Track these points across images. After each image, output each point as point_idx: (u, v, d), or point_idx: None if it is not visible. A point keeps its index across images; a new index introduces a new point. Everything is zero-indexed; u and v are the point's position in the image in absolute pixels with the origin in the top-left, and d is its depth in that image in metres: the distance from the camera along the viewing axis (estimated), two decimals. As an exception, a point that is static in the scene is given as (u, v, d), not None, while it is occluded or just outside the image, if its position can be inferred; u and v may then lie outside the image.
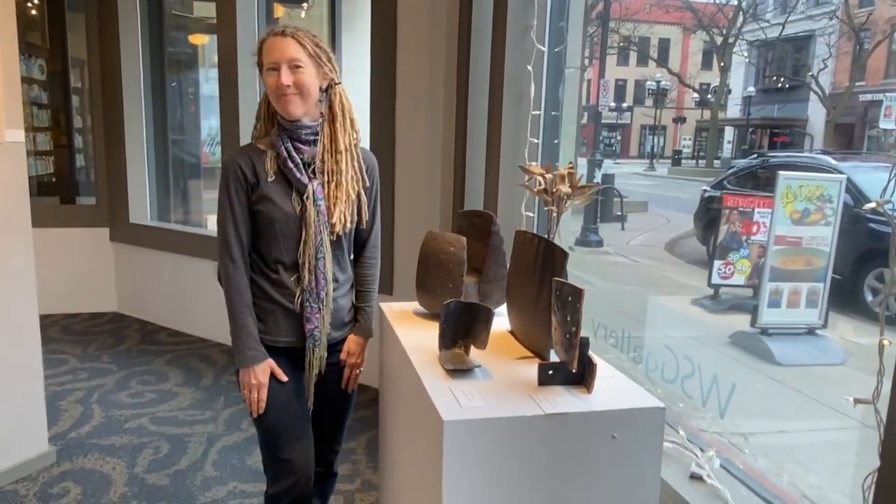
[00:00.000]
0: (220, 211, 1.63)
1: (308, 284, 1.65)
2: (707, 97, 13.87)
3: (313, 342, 1.70)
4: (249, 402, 1.65)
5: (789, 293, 3.30)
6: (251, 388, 1.63)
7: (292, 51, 1.56)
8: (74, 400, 3.47)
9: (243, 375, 1.64)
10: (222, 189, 1.62)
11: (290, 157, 1.61)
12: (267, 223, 1.62)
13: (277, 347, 1.68)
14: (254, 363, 1.62)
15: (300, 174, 1.62)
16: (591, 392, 1.25)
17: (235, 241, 1.62)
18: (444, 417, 1.11)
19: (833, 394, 3.17)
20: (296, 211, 1.62)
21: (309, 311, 1.67)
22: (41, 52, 5.40)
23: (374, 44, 3.40)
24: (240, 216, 1.62)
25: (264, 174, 1.61)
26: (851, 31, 7.92)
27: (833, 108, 8.74)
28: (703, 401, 1.88)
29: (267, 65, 1.57)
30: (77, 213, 5.14)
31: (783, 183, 3.28)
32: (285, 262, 1.66)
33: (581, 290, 1.22)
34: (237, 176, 1.61)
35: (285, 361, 1.70)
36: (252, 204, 1.62)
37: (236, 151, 1.65)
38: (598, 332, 2.48)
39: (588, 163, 8.58)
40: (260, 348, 1.64)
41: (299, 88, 1.57)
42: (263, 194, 1.61)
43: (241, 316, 1.63)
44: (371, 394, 3.48)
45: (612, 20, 10.45)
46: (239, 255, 1.63)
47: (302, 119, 1.62)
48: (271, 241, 1.64)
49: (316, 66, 1.60)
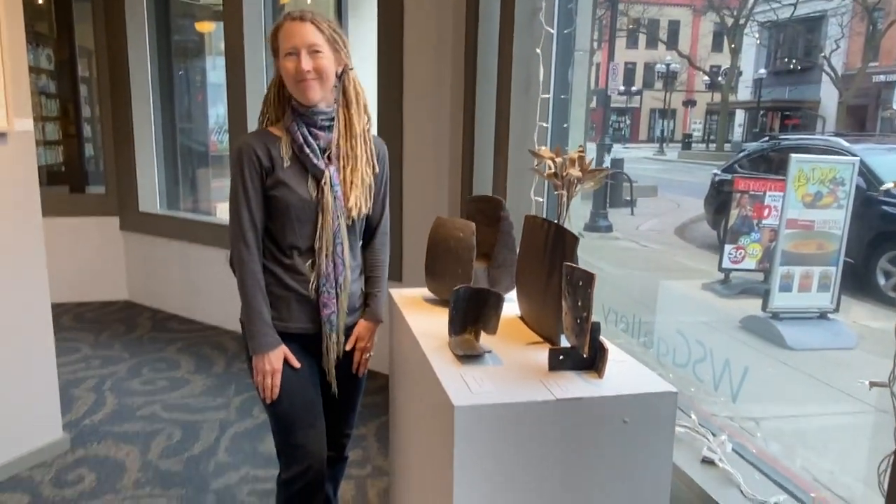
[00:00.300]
0: (234, 196, 1.62)
1: (325, 270, 1.65)
2: (717, 80, 13.72)
3: (330, 327, 1.69)
4: (263, 388, 1.65)
5: (801, 277, 3.27)
6: (265, 374, 1.63)
7: (311, 36, 1.56)
8: (87, 388, 3.50)
9: (257, 361, 1.64)
10: (236, 174, 1.61)
11: (306, 142, 1.60)
12: (283, 208, 1.61)
13: (290, 334, 1.68)
14: (268, 349, 1.62)
15: (317, 160, 1.61)
16: (603, 377, 1.24)
17: (250, 227, 1.61)
18: (454, 403, 1.11)
19: (845, 378, 3.14)
20: (311, 197, 1.62)
21: (326, 296, 1.66)
22: (48, 41, 5.40)
23: (381, 29, 3.37)
24: (254, 201, 1.61)
25: (280, 160, 1.60)
26: (864, 10, 7.80)
27: (846, 89, 8.62)
28: (715, 385, 1.87)
29: (285, 50, 1.56)
30: (87, 202, 5.17)
31: (795, 166, 3.23)
32: (300, 248, 1.65)
33: (592, 274, 1.21)
34: (252, 161, 1.59)
35: (297, 348, 1.69)
36: (266, 189, 1.61)
37: (250, 136, 1.64)
38: (608, 318, 2.47)
39: (597, 147, 8.53)
40: (274, 334, 1.64)
41: (319, 74, 1.57)
42: (279, 179, 1.60)
43: (256, 301, 1.62)
44: (381, 380, 3.49)
45: (621, 2, 10.34)
46: (253, 240, 1.62)
47: (318, 104, 1.61)
48: (286, 226, 1.63)
49: (333, 51, 1.60)
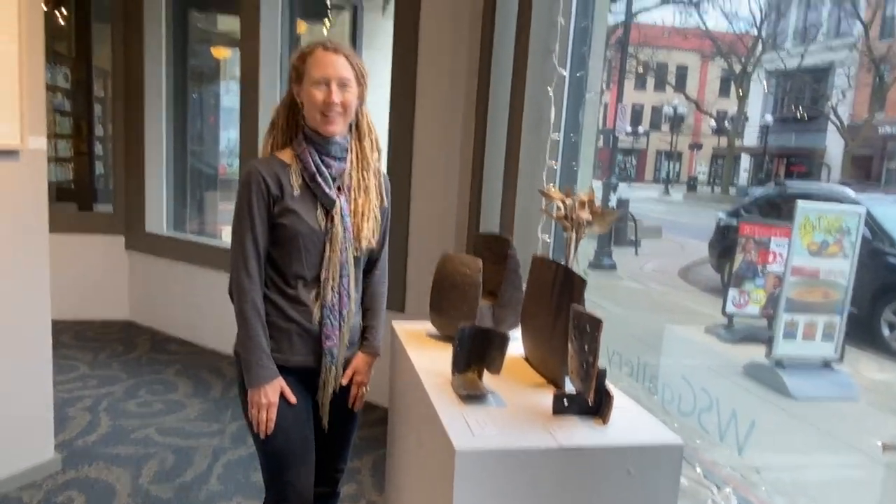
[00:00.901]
0: (238, 222, 1.58)
1: (331, 301, 1.62)
2: (724, 124, 13.84)
3: (331, 359, 1.65)
4: (258, 422, 1.60)
5: (805, 325, 3.25)
6: (261, 407, 1.58)
7: (344, 69, 1.57)
8: (83, 407, 3.46)
9: (253, 394, 1.58)
10: (243, 199, 1.57)
11: (318, 171, 1.59)
12: (291, 237, 1.58)
13: (288, 367, 1.64)
14: (266, 382, 1.58)
15: (329, 189, 1.60)
16: (607, 424, 1.23)
17: (253, 255, 1.57)
18: (456, 447, 1.09)
19: (849, 430, 3.10)
20: (320, 226, 1.59)
21: (329, 328, 1.63)
22: (66, 60, 5.48)
23: (395, 62, 3.42)
24: (259, 229, 1.57)
25: (289, 188, 1.58)
26: (871, 63, 7.90)
27: (852, 139, 8.69)
28: (721, 436, 1.84)
29: (315, 78, 1.55)
30: (94, 220, 5.19)
31: (802, 213, 3.24)
32: (306, 278, 1.61)
33: (600, 319, 1.20)
34: (260, 187, 1.56)
35: (294, 382, 1.65)
36: (274, 217, 1.58)
37: (259, 162, 1.60)
38: (612, 359, 2.45)
39: (603, 186, 8.57)
40: (273, 366, 1.60)
41: (345, 108, 1.57)
42: (288, 207, 1.57)
43: (255, 332, 1.57)
44: (380, 412, 3.45)
45: (630, 45, 10.49)
46: (256, 269, 1.58)
47: (335, 136, 1.61)
48: (293, 255, 1.59)
49: (359, 86, 1.62)
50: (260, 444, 1.66)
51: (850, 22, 8.52)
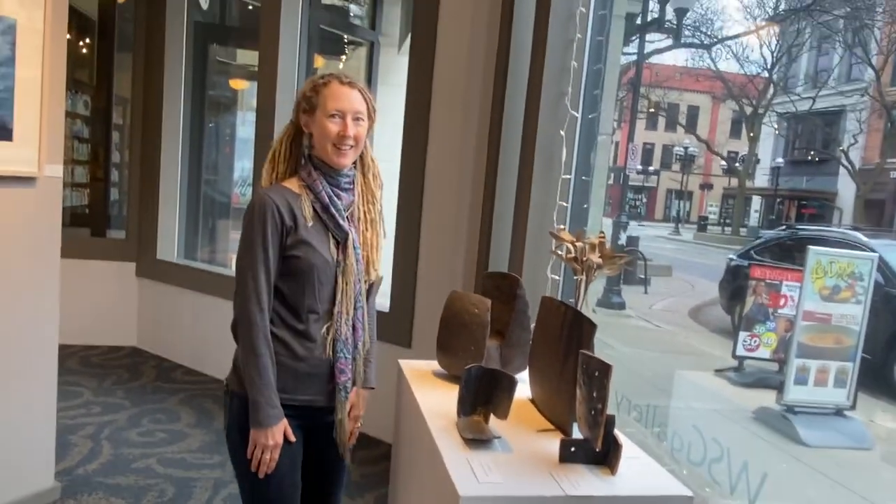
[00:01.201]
0: (248, 253, 1.51)
1: (344, 335, 1.59)
2: (735, 165, 13.88)
3: (345, 395, 1.61)
4: (260, 462, 1.53)
5: (817, 371, 3.20)
6: (266, 448, 1.52)
7: (358, 104, 1.57)
8: (85, 435, 3.44)
9: (258, 435, 1.51)
10: (256, 230, 1.50)
11: (331, 202, 1.56)
12: (305, 270, 1.54)
13: (292, 406, 1.58)
14: (274, 422, 1.52)
15: (342, 220, 1.58)
16: (615, 474, 1.20)
17: (266, 288, 1.51)
18: (460, 493, 1.07)
19: (861, 481, 3.03)
20: (333, 259, 1.57)
21: (343, 362, 1.59)
22: (87, 88, 5.59)
23: (409, 99, 3.46)
24: (272, 261, 1.52)
25: (302, 219, 1.54)
26: (883, 108, 7.94)
27: (863, 183, 8.68)
28: (732, 488, 1.80)
29: (329, 110, 1.54)
30: (106, 246, 5.22)
31: (813, 258, 3.22)
32: (318, 312, 1.57)
33: (609, 365, 1.19)
34: (275, 217, 1.51)
35: (293, 421, 1.59)
36: (286, 249, 1.53)
37: (272, 191, 1.55)
38: (620, 404, 2.41)
39: (613, 224, 8.57)
40: (279, 406, 1.54)
41: (357, 141, 1.58)
42: (302, 239, 1.53)
43: (267, 370, 1.51)
44: (383, 448, 3.41)
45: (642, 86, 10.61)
46: (267, 302, 1.52)
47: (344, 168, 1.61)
48: (306, 289, 1.55)
49: (369, 120, 1.62)
50: (249, 488, 1.60)
51: (862, 68, 8.58)
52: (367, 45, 5.73)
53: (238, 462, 1.60)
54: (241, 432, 1.56)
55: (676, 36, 8.70)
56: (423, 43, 3.39)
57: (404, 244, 3.49)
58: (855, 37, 8.49)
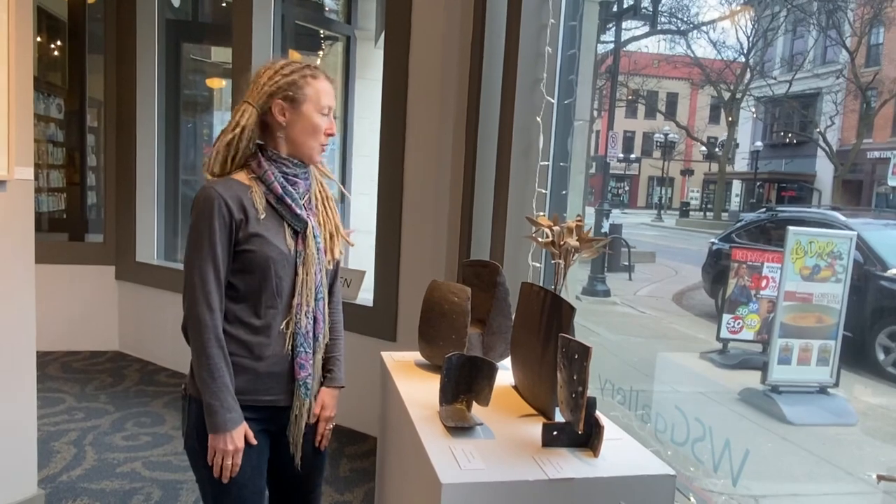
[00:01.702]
0: (195, 251, 1.43)
1: (305, 328, 1.52)
2: (715, 150, 13.99)
3: (305, 391, 1.54)
4: (223, 468, 1.46)
5: (800, 350, 3.24)
6: (227, 454, 1.44)
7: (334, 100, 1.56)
8: (68, 441, 3.39)
9: (217, 441, 1.44)
10: (202, 227, 1.42)
11: (286, 192, 1.50)
12: (261, 263, 1.46)
13: (255, 407, 1.51)
14: (233, 426, 1.44)
15: (299, 209, 1.51)
16: (598, 456, 1.20)
17: (215, 287, 1.43)
18: (442, 480, 1.07)
19: (846, 455, 3.08)
20: (290, 250, 1.50)
21: (304, 356, 1.53)
22: (60, 91, 5.51)
23: (386, 92, 3.44)
24: (221, 259, 1.44)
25: (253, 211, 1.46)
26: (858, 89, 8.04)
27: (841, 164, 8.79)
28: (715, 466, 1.81)
29: (321, 106, 1.51)
30: (84, 250, 5.15)
31: (793, 238, 3.25)
32: (276, 307, 1.50)
33: (588, 347, 1.19)
34: (223, 213, 1.42)
35: (252, 423, 1.51)
36: (238, 244, 1.46)
37: (218, 185, 1.46)
38: (604, 388, 2.42)
39: (596, 212, 8.61)
40: (238, 409, 1.46)
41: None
42: (255, 232, 1.46)
43: (221, 373, 1.42)
44: (370, 443, 3.40)
45: (620, 74, 10.63)
46: (217, 302, 1.44)
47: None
48: (263, 283, 1.47)
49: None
50: (210, 496, 1.54)
51: (836, 50, 8.67)
52: (343, 39, 5.69)
53: (197, 469, 1.53)
54: (199, 438, 1.49)
55: (653, 23, 8.74)
56: (397, 35, 3.36)
57: (385, 238, 3.47)
58: (829, 19, 8.58)
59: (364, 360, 3.42)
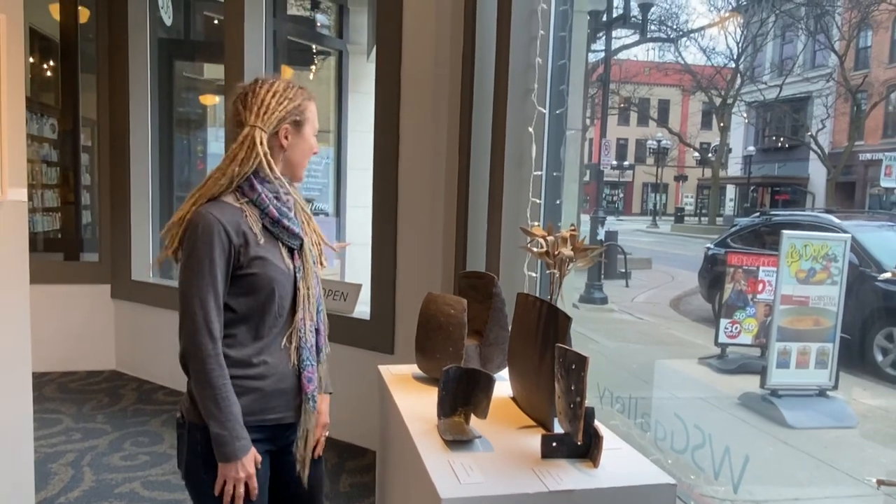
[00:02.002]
0: (196, 279, 1.40)
1: (308, 341, 1.53)
2: (708, 156, 14.04)
3: (313, 405, 1.53)
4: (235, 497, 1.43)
5: (798, 353, 3.24)
6: (239, 482, 1.42)
7: None
8: (66, 462, 3.37)
9: (228, 470, 1.41)
10: (202, 253, 1.40)
11: (281, 213, 1.49)
12: (264, 285, 1.46)
13: (262, 427, 1.50)
14: (243, 454, 1.42)
15: (298, 229, 1.53)
16: (598, 466, 1.20)
17: (216, 315, 1.41)
18: (441, 495, 1.06)
19: (847, 458, 3.07)
20: (289, 268, 1.51)
21: (310, 370, 1.52)
22: (53, 111, 5.51)
23: (378, 105, 3.45)
24: (221, 287, 1.42)
25: (252, 235, 1.45)
26: (848, 92, 8.09)
27: (833, 166, 8.83)
28: (716, 473, 1.80)
29: (315, 128, 1.57)
30: (80, 269, 5.13)
31: (788, 242, 3.26)
32: (279, 325, 1.51)
33: (585, 357, 1.18)
34: (222, 239, 1.41)
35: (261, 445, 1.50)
36: (239, 269, 1.44)
37: (216, 210, 1.43)
38: (603, 397, 2.41)
39: (591, 220, 8.62)
40: (247, 435, 1.44)
41: None
42: (256, 256, 1.45)
43: (228, 402, 1.40)
44: (371, 457, 3.38)
45: (612, 82, 10.69)
46: (218, 331, 1.42)
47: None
48: (267, 304, 1.47)
49: None
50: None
51: (825, 54, 8.74)
52: (335, 54, 5.72)
53: (203, 498, 1.48)
54: (206, 467, 1.45)
55: (642, 31, 8.80)
56: (388, 49, 3.38)
57: (381, 250, 3.47)
58: (817, 24, 8.64)
59: (362, 374, 3.41)
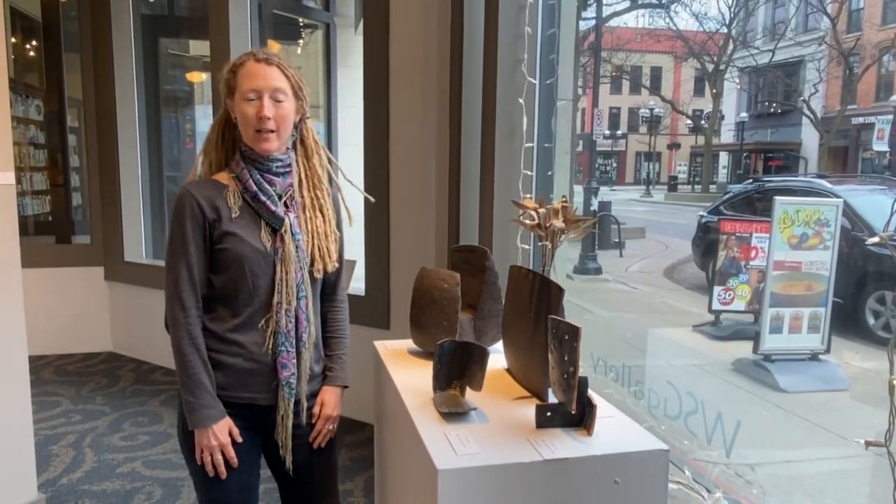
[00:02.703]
0: (171, 252, 1.45)
1: (285, 327, 1.49)
2: (700, 123, 13.99)
3: (289, 391, 1.52)
4: (207, 465, 1.48)
5: (791, 319, 3.27)
6: (212, 449, 1.46)
7: (277, 80, 1.45)
8: (66, 444, 3.39)
9: (201, 437, 1.45)
10: (175, 227, 1.45)
11: (261, 189, 1.47)
12: (234, 261, 1.45)
13: (235, 404, 1.51)
14: (212, 422, 1.45)
15: (275, 206, 1.48)
16: (592, 434, 1.21)
17: (188, 286, 1.45)
18: (438, 466, 1.07)
19: (840, 420, 3.12)
20: (266, 247, 1.47)
21: (285, 356, 1.50)
22: (38, 92, 5.43)
23: (367, 79, 3.41)
24: (195, 257, 1.44)
25: (226, 210, 1.46)
26: (840, 55, 8.03)
27: (826, 131, 8.81)
28: (708, 438, 1.83)
29: (245, 92, 1.44)
30: (72, 252, 5.11)
31: (780, 208, 3.27)
32: (255, 305, 1.49)
33: (578, 328, 1.19)
34: (194, 213, 1.44)
35: (239, 423, 1.52)
36: (214, 243, 1.46)
37: (192, 185, 1.48)
38: (597, 366, 2.43)
39: (584, 190, 8.61)
40: (218, 405, 1.47)
41: (279, 123, 1.45)
42: (227, 231, 1.45)
43: (195, 369, 1.44)
44: (368, 431, 3.42)
45: (604, 50, 10.58)
46: (192, 302, 1.45)
47: (273, 153, 1.49)
48: (238, 281, 1.47)
49: (296, 98, 1.50)
50: (198, 489, 1.56)
51: (818, 17, 8.66)
52: (322, 27, 5.64)
53: (187, 461, 1.56)
54: (184, 432, 1.52)
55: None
56: (375, 21, 3.33)
57: (374, 227, 3.47)
58: (810, -14, 8.56)
59: (359, 350, 3.41)
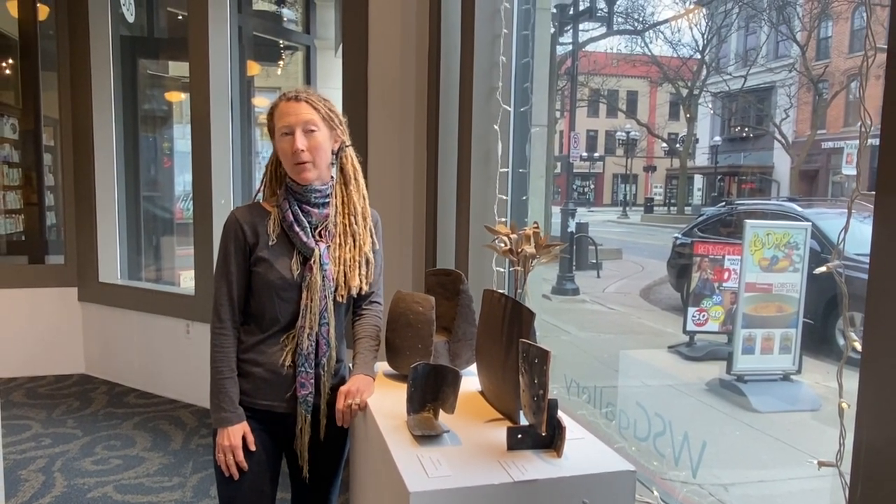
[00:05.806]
0: (217, 268, 1.64)
1: (305, 349, 1.61)
2: (675, 146, 14.24)
3: (306, 408, 1.64)
4: (221, 463, 1.60)
5: (762, 339, 3.33)
6: (224, 450, 1.59)
7: (306, 113, 1.57)
8: (36, 469, 3.33)
9: (219, 436, 1.60)
10: (221, 247, 1.63)
11: (296, 219, 1.60)
12: (263, 285, 1.60)
13: (256, 410, 1.64)
14: (228, 424, 1.59)
15: (307, 237, 1.60)
16: (561, 456, 1.24)
17: (226, 301, 1.62)
18: (409, 489, 1.09)
19: (809, 440, 3.17)
20: (294, 275, 1.59)
21: (304, 375, 1.62)
22: (14, 111, 5.40)
23: (346, 103, 3.45)
24: (234, 276, 1.61)
25: (265, 236, 1.60)
26: (810, 82, 8.26)
27: (797, 155, 9.02)
28: (676, 459, 1.86)
29: (280, 129, 1.58)
30: (45, 272, 5.05)
31: (750, 231, 3.35)
32: (281, 325, 1.63)
33: (547, 351, 1.22)
34: (237, 235, 1.61)
35: (259, 428, 1.65)
36: (251, 265, 1.62)
37: (239, 210, 1.65)
38: (570, 387, 2.46)
39: (562, 212, 8.69)
40: (235, 410, 1.61)
41: (313, 153, 1.57)
42: (261, 256, 1.60)
43: (220, 376, 1.61)
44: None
45: (581, 74, 10.78)
46: (228, 316, 1.62)
47: (313, 182, 1.61)
48: (266, 303, 1.61)
49: (329, 128, 1.61)
50: (217, 487, 1.67)
51: (788, 45, 8.90)
52: (303, 49, 5.69)
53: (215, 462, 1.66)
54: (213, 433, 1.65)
55: (609, 24, 8.88)
56: (355, 45, 3.38)
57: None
58: (779, 15, 8.81)
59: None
